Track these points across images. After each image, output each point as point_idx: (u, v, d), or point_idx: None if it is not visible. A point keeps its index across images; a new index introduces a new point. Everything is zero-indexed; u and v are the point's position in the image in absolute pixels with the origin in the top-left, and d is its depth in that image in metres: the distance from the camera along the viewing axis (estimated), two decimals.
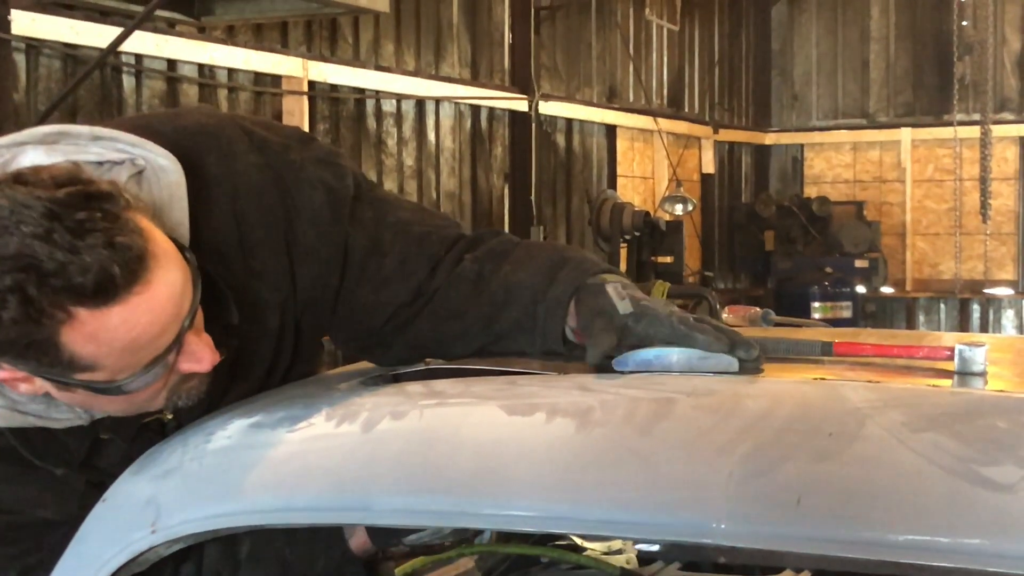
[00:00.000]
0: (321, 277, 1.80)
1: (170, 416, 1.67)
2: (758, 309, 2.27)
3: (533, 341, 1.77)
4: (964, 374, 1.49)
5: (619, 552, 2.42)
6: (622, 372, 1.58)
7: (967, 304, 13.08)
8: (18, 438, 1.60)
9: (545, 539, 2.34)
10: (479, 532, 2.32)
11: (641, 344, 1.61)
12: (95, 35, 6.36)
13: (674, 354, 1.59)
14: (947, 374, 1.51)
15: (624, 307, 1.65)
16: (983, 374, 1.49)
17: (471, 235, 1.91)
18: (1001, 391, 1.44)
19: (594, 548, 2.36)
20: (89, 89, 6.54)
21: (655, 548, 2.42)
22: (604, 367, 1.62)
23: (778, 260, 12.57)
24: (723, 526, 1.19)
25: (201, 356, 1.57)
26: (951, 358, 1.52)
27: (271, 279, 1.75)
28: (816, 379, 1.45)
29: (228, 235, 1.69)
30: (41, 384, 1.51)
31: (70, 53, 6.44)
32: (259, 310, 1.75)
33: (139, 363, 1.49)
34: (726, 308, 2.31)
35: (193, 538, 1.44)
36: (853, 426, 1.26)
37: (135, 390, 1.53)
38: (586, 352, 1.66)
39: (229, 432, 1.56)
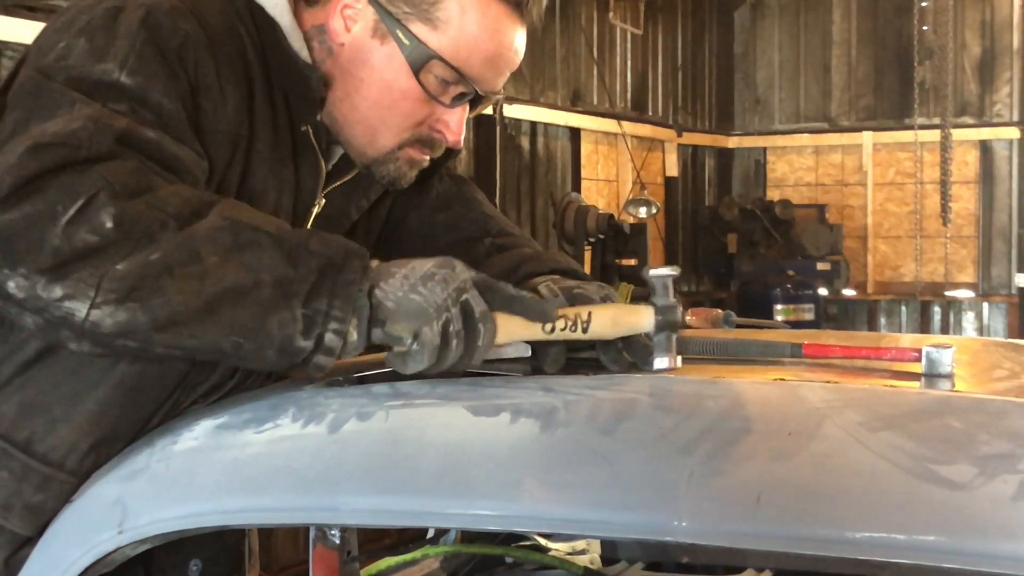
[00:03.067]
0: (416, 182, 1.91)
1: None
2: (719, 311, 2.29)
3: None
4: (931, 376, 1.51)
5: (583, 552, 2.44)
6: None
7: (928, 307, 13.17)
8: None
9: (510, 539, 2.35)
10: (444, 532, 2.34)
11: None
12: None
13: None
14: (914, 376, 1.54)
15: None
16: (951, 376, 1.51)
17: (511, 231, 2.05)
18: (956, 391, 1.46)
19: (559, 548, 2.38)
20: None
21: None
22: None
23: (741, 263, 12.62)
24: (684, 524, 1.21)
25: (460, 129, 1.76)
26: (918, 360, 1.54)
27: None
28: (776, 380, 1.48)
29: None
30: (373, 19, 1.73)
31: None
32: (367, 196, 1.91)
33: (478, 76, 1.72)
34: (689, 311, 2.33)
35: (160, 539, 1.45)
36: (812, 426, 1.28)
37: (439, 97, 1.72)
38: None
39: (196, 433, 1.57)
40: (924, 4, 12.60)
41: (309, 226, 1.80)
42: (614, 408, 1.42)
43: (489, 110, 9.80)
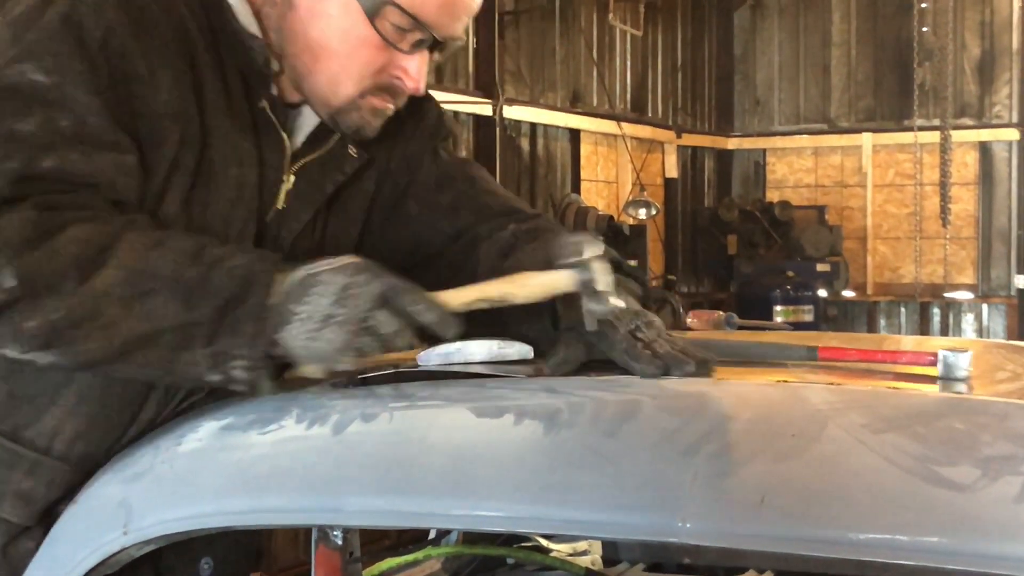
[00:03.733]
0: (405, 158, 1.98)
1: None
2: (721, 313, 2.30)
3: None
4: (948, 379, 1.52)
5: (585, 553, 2.44)
6: (428, 366, 1.64)
7: (927, 308, 13.18)
8: None
9: (511, 541, 2.36)
10: (446, 533, 2.34)
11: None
12: None
13: (473, 345, 1.66)
14: (930, 379, 1.54)
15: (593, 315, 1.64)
16: (967, 380, 1.51)
17: (527, 212, 2.01)
18: (958, 393, 1.47)
19: (560, 549, 2.38)
20: None
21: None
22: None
23: (741, 264, 12.63)
24: (688, 525, 1.21)
25: (420, 75, 1.77)
26: (935, 363, 1.54)
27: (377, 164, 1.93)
28: (779, 381, 1.48)
29: None
30: None
31: None
32: (367, 180, 1.92)
33: (434, 22, 1.74)
34: (690, 313, 2.34)
35: (165, 539, 1.46)
36: (815, 427, 1.28)
37: (396, 44, 1.73)
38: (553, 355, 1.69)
39: (200, 434, 1.57)
40: (924, 5, 12.61)
41: (282, 203, 1.80)
42: (617, 409, 1.42)
43: (488, 111, 9.82)
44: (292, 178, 1.81)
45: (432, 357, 1.66)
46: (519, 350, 1.66)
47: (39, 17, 1.58)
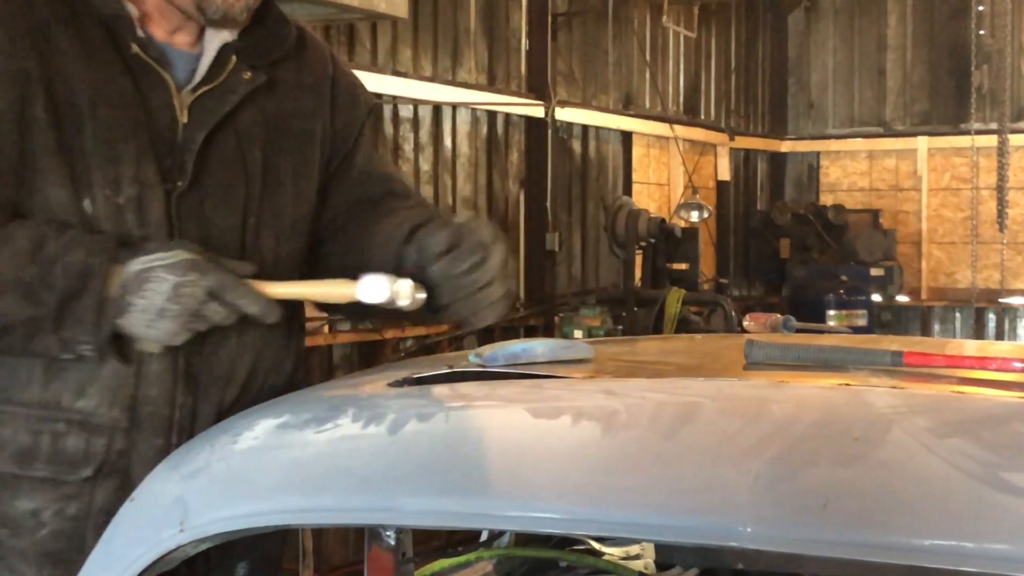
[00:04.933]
0: (347, 126, 2.15)
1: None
2: (779, 316, 2.28)
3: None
4: None
5: (637, 557, 2.43)
6: (494, 366, 1.67)
7: (983, 313, 13.03)
8: None
9: (563, 543, 2.34)
10: (498, 535, 2.33)
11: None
12: None
13: (539, 346, 1.74)
14: (1019, 386, 1.50)
15: None
16: None
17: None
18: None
19: (613, 553, 2.37)
20: None
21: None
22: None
23: (793, 268, 12.54)
24: (749, 529, 1.19)
25: None
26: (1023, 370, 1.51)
27: (314, 103, 2.08)
28: (841, 384, 1.46)
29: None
30: None
31: None
32: (302, 109, 2.06)
33: None
34: (746, 316, 2.32)
35: (221, 537, 1.46)
36: (879, 431, 1.27)
37: None
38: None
39: (256, 432, 1.58)
40: (981, 8, 12.48)
41: (180, 136, 1.90)
42: (676, 411, 1.41)
43: (540, 113, 9.81)
44: (185, 113, 1.91)
45: (499, 357, 1.66)
46: (581, 351, 1.66)
47: None
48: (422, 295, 1.77)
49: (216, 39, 1.96)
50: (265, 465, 1.50)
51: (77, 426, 1.83)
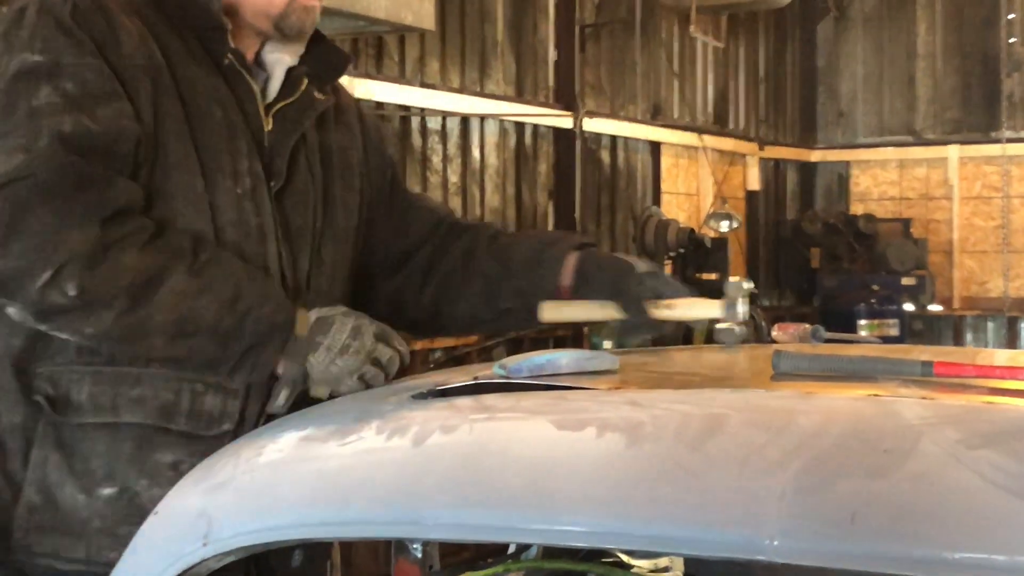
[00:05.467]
0: (379, 168, 2.33)
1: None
2: (808, 326, 2.25)
3: (536, 281, 2.19)
4: None
5: (666, 570, 2.41)
6: (518, 377, 1.68)
7: (1015, 322, 12.93)
8: None
9: (592, 556, 2.33)
10: (526, 547, 2.32)
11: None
12: None
13: (563, 357, 1.77)
14: None
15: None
16: None
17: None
18: None
19: (641, 566, 2.35)
20: None
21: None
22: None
23: (824, 277, 12.48)
24: (776, 543, 1.18)
25: None
26: None
27: (355, 136, 2.29)
28: (870, 395, 1.44)
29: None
30: None
31: None
32: (350, 139, 2.26)
33: None
34: (775, 326, 2.30)
35: (244, 551, 1.45)
36: (908, 443, 1.25)
37: None
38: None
39: (280, 445, 1.57)
40: (1011, 16, 12.40)
41: (267, 142, 2.08)
42: (703, 423, 1.39)
43: (569, 124, 9.81)
44: (271, 120, 2.09)
45: (523, 368, 1.66)
46: (605, 362, 1.65)
47: (21, 17, 1.93)
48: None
49: (278, 58, 2.13)
50: (289, 478, 1.49)
51: (214, 388, 1.96)
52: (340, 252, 2.19)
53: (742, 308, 2.05)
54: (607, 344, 8.13)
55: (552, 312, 2.11)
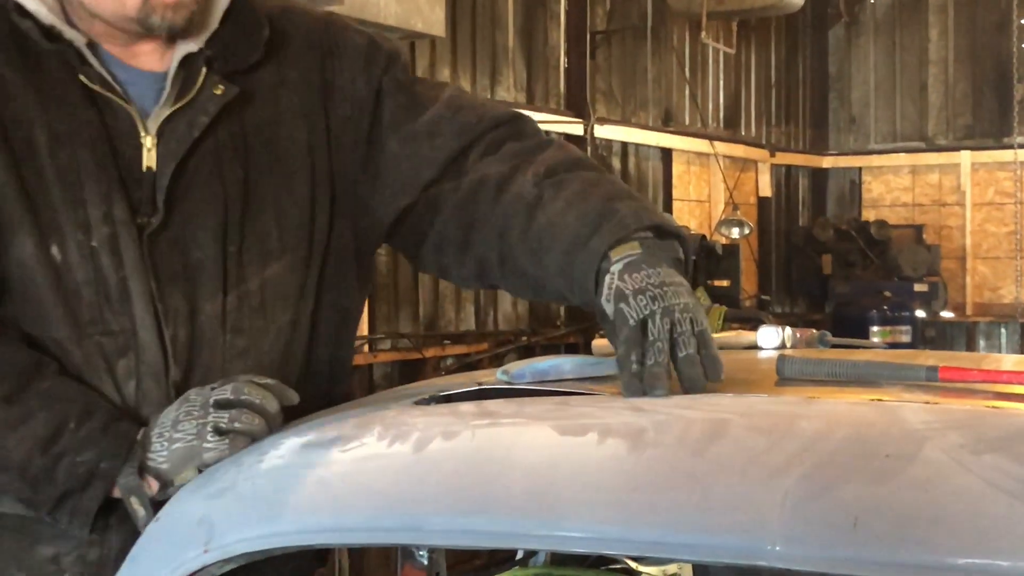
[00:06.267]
0: (352, 119, 1.94)
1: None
2: (814, 331, 2.25)
3: (572, 289, 1.80)
4: None
5: None
6: (521, 383, 1.67)
7: None
8: None
9: (600, 562, 2.32)
10: (534, 553, 2.31)
11: None
12: None
13: (566, 363, 1.72)
14: None
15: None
16: None
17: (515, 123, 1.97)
18: None
19: (649, 572, 2.35)
20: None
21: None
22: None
23: (836, 284, 12.46)
24: (778, 548, 1.17)
25: None
26: None
27: (302, 101, 1.89)
28: (873, 400, 1.43)
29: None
30: None
31: None
32: (286, 112, 1.88)
33: None
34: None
35: (246, 557, 1.44)
36: (911, 448, 1.24)
37: None
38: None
39: (282, 452, 1.57)
40: (1023, 22, 12.38)
41: (153, 164, 1.79)
42: (705, 429, 1.38)
43: (580, 130, 9.80)
44: (152, 139, 1.80)
45: (526, 374, 1.65)
46: (609, 367, 1.64)
47: None
48: None
49: (182, 49, 1.82)
50: (290, 484, 1.49)
51: None
52: (283, 265, 1.85)
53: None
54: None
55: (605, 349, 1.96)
